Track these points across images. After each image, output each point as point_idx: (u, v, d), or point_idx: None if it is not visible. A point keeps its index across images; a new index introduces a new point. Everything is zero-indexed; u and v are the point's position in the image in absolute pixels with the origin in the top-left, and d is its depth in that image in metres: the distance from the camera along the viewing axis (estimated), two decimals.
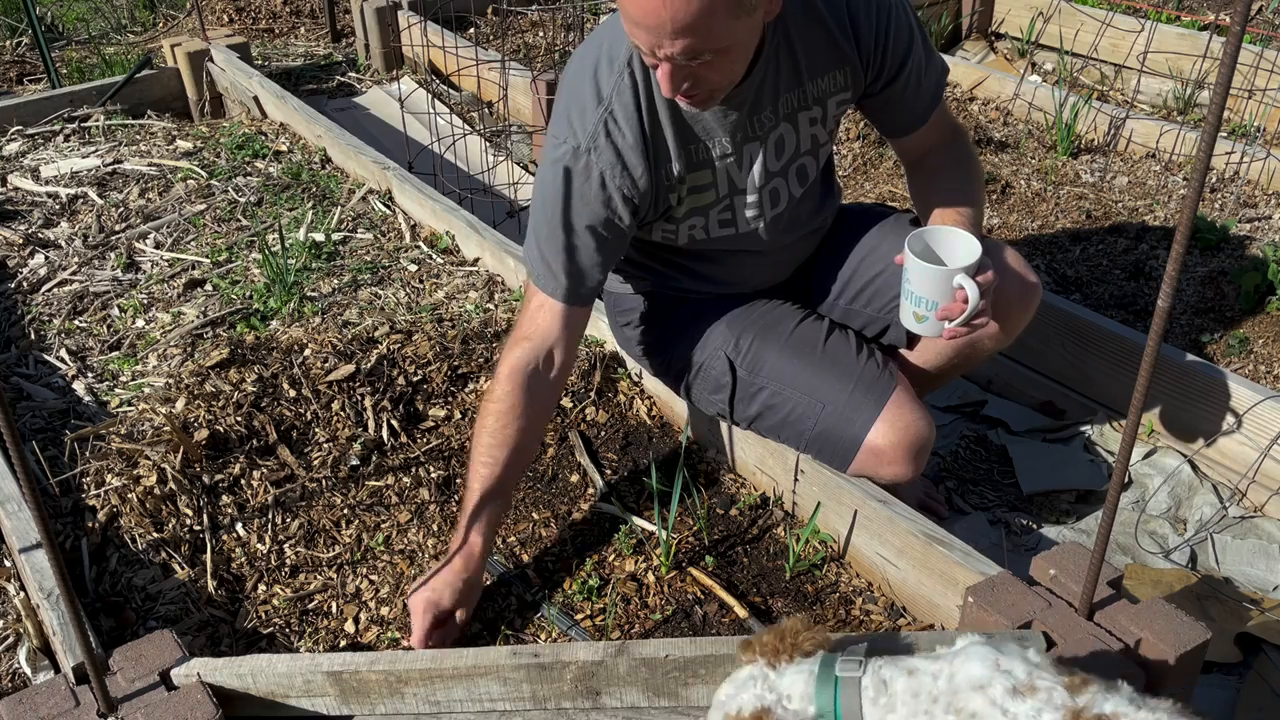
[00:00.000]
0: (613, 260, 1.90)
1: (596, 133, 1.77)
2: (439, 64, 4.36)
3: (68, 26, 5.22)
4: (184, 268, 2.99)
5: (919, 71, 1.92)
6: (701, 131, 1.84)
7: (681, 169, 1.84)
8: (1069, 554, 1.71)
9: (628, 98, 1.77)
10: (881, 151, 3.68)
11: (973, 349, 2.03)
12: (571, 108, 1.80)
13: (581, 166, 1.78)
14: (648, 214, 1.88)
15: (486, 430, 1.86)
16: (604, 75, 1.78)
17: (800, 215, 2.03)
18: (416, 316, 2.67)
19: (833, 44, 1.84)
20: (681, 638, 1.77)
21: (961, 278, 1.74)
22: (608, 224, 1.82)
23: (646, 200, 1.84)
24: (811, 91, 1.88)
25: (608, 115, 1.77)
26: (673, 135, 1.82)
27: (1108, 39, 4.07)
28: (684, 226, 1.96)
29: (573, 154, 1.78)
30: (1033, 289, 1.98)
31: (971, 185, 1.99)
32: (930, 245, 1.85)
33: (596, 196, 1.79)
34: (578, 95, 1.80)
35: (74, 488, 2.15)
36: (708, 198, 1.92)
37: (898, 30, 1.86)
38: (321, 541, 2.09)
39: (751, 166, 1.90)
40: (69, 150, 3.65)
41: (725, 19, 1.55)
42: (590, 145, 1.77)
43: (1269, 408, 2.24)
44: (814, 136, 1.94)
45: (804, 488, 2.09)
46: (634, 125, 1.78)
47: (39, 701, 1.55)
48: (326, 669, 1.62)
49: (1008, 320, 1.97)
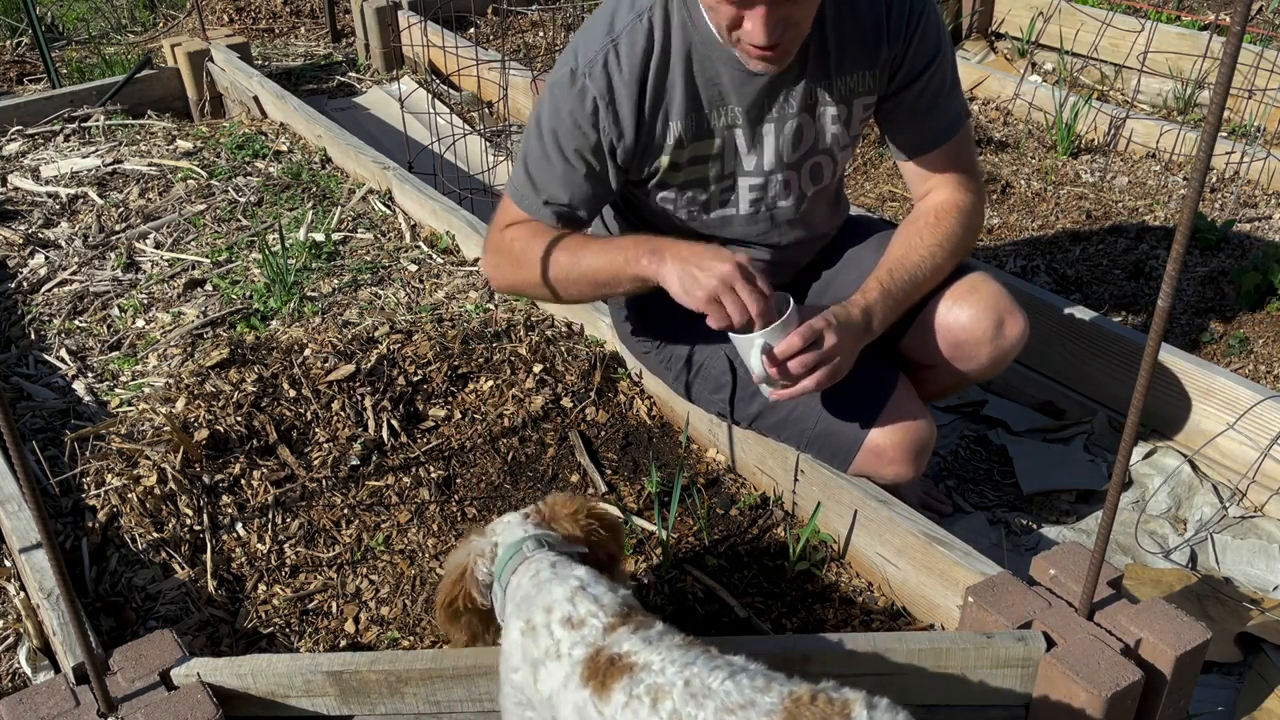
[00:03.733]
0: (598, 199, 1.90)
1: (595, 59, 1.78)
2: (439, 64, 4.36)
3: (68, 26, 5.22)
4: (184, 268, 2.99)
5: (939, 89, 1.89)
6: (714, 98, 1.83)
7: (681, 130, 1.83)
8: (1069, 554, 1.71)
9: (639, 39, 1.77)
10: (881, 152, 3.68)
11: (955, 379, 2.02)
12: (580, 39, 1.82)
13: (577, 90, 1.79)
14: (634, 163, 1.87)
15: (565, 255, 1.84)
16: (621, 15, 1.79)
17: (809, 217, 2.02)
18: (416, 316, 2.67)
19: (866, 44, 1.83)
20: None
21: (756, 345, 1.72)
22: (596, 152, 1.83)
23: (631, 141, 1.83)
24: (838, 88, 1.86)
25: (611, 46, 1.78)
26: (681, 95, 1.81)
27: (1108, 39, 4.07)
28: (684, 196, 1.94)
29: (570, 76, 1.80)
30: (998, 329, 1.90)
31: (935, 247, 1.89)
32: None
33: (587, 120, 1.80)
34: (590, 29, 1.82)
35: (74, 488, 2.15)
36: (710, 170, 1.90)
37: (925, 33, 1.84)
38: (321, 541, 2.09)
39: (762, 148, 1.89)
40: (69, 150, 3.65)
41: None
42: (587, 70, 1.78)
43: (1269, 408, 2.24)
44: (835, 136, 1.92)
45: (804, 488, 2.09)
46: (635, 66, 1.78)
47: (39, 701, 1.55)
48: (326, 669, 1.62)
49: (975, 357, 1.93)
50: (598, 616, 1.33)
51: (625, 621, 1.32)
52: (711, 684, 1.20)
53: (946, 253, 1.90)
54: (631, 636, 1.29)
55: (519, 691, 1.40)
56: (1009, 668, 1.62)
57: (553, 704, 1.32)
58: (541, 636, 1.34)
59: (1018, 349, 1.95)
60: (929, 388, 2.06)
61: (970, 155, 1.98)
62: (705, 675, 1.21)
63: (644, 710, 1.20)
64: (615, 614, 1.33)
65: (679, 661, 1.24)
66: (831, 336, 1.73)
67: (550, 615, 1.35)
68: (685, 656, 1.25)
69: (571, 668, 1.30)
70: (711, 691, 1.19)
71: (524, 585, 1.43)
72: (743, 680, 1.20)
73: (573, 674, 1.29)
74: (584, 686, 1.27)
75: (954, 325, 1.91)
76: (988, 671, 1.62)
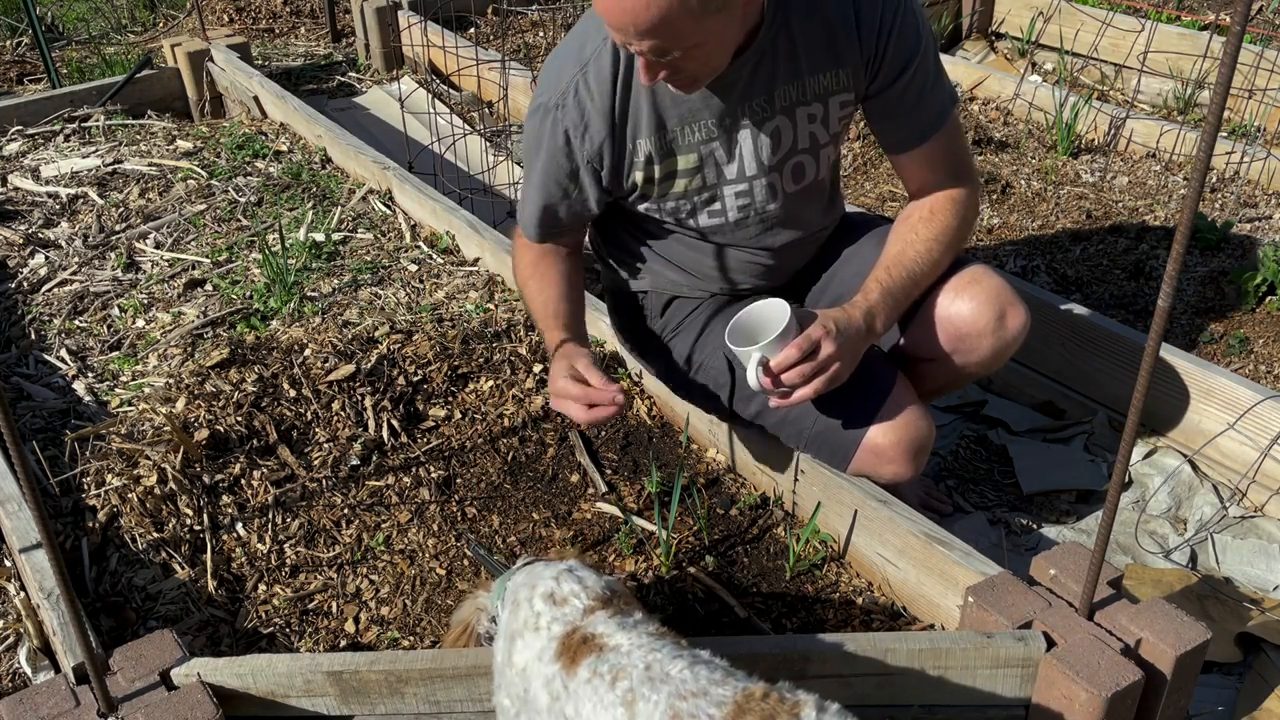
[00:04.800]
0: (578, 215, 1.96)
1: (568, 90, 1.81)
2: (439, 64, 4.36)
3: (68, 26, 5.22)
4: (184, 268, 2.99)
5: (923, 83, 1.88)
6: (685, 114, 1.83)
7: (651, 149, 1.85)
8: (1069, 554, 1.71)
9: (606, 62, 1.79)
10: (881, 152, 3.68)
11: (955, 373, 2.02)
12: (554, 66, 1.86)
13: (550, 122, 1.84)
14: (612, 183, 1.91)
15: (528, 287, 1.99)
16: (590, 39, 1.81)
17: (799, 217, 2.02)
18: (416, 316, 2.67)
19: (835, 41, 1.82)
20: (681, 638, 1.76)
21: (753, 358, 1.73)
22: (573, 177, 1.88)
23: (607, 163, 1.87)
24: (811, 87, 1.86)
25: (581, 77, 1.81)
26: (648, 113, 1.83)
27: (1108, 39, 4.07)
28: (666, 207, 1.95)
29: (543, 110, 1.85)
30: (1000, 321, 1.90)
31: (931, 242, 1.89)
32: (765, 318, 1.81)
33: (561, 151, 1.86)
34: (563, 55, 1.85)
35: (74, 488, 2.15)
36: (690, 183, 1.91)
37: (903, 31, 1.83)
38: (321, 541, 2.09)
39: (739, 154, 1.89)
40: (69, 150, 3.65)
41: (691, 21, 1.54)
42: (559, 102, 1.82)
43: (1269, 408, 2.24)
44: (813, 135, 1.92)
45: (804, 488, 2.09)
46: (605, 89, 1.80)
47: (39, 701, 1.55)
48: (327, 669, 1.62)
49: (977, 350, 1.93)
50: (579, 597, 1.37)
51: (605, 606, 1.36)
52: (670, 670, 1.23)
53: (944, 247, 1.90)
54: (608, 620, 1.33)
55: (498, 675, 1.44)
56: (1009, 668, 1.62)
57: (526, 676, 1.35)
58: (522, 609, 1.39)
59: (1019, 341, 1.95)
60: (929, 383, 2.06)
61: (961, 144, 1.98)
62: (667, 662, 1.25)
63: (603, 687, 1.25)
64: (597, 597, 1.37)
65: (646, 647, 1.28)
66: (829, 345, 1.73)
67: (534, 591, 1.40)
68: (654, 644, 1.29)
69: (548, 642, 1.34)
70: (669, 677, 1.22)
71: (516, 580, 1.47)
72: (701, 671, 1.23)
73: (548, 648, 1.33)
74: (555, 661, 1.31)
75: (955, 318, 1.92)
76: (988, 671, 1.62)
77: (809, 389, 1.75)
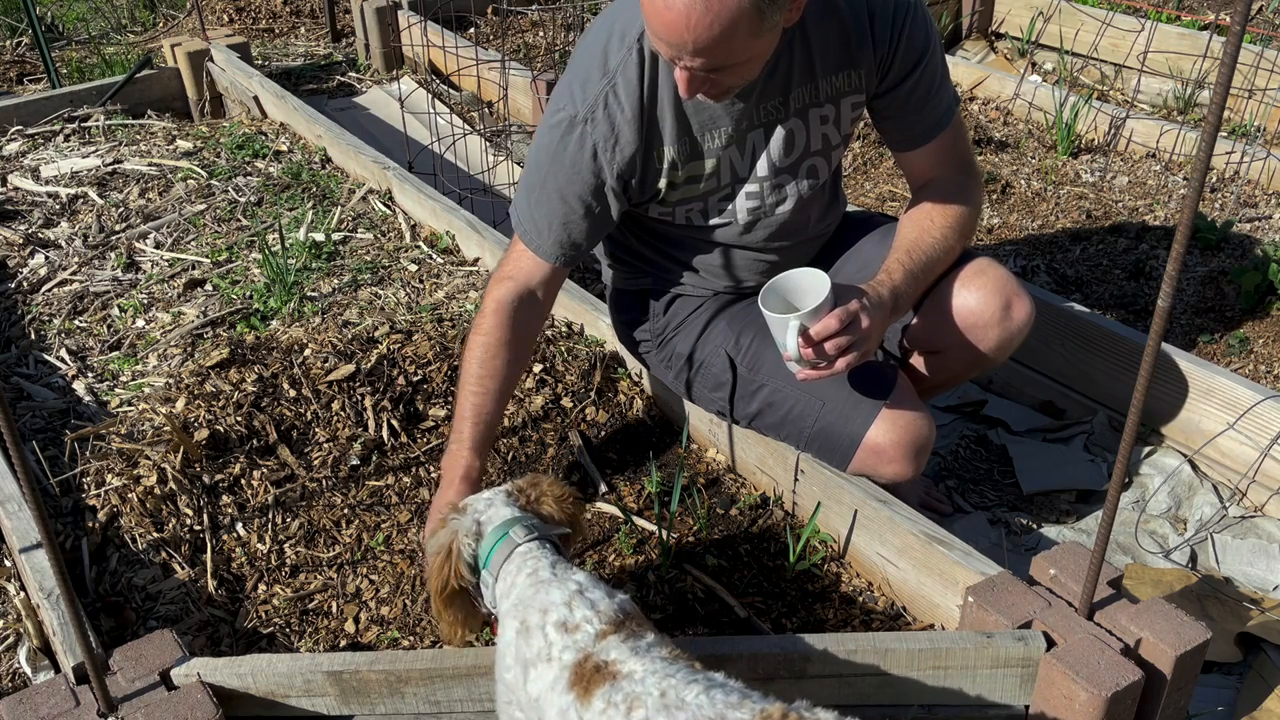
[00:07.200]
0: (600, 233, 1.93)
1: (596, 104, 1.79)
2: (439, 64, 4.36)
3: (68, 26, 5.22)
4: (184, 268, 2.99)
5: (930, 84, 1.90)
6: (706, 120, 1.84)
7: (675, 155, 1.85)
8: (1069, 554, 1.71)
9: (632, 73, 1.78)
10: (881, 152, 3.68)
11: (961, 365, 2.02)
12: (576, 77, 1.82)
13: (577, 136, 1.81)
14: (636, 193, 1.89)
15: (475, 361, 1.90)
16: (614, 49, 1.79)
17: (806, 218, 2.03)
18: (416, 316, 2.67)
19: (849, 43, 1.83)
20: (681, 637, 1.77)
21: (792, 326, 1.72)
22: (597, 194, 1.85)
23: (636, 176, 1.85)
24: (825, 89, 1.87)
25: (609, 88, 1.78)
26: (671, 120, 1.82)
27: (1108, 39, 4.07)
28: (680, 210, 1.95)
29: (569, 122, 1.81)
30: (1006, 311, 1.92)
31: (947, 229, 1.91)
32: (800, 286, 1.80)
33: (588, 167, 1.82)
34: (585, 65, 1.82)
35: (74, 488, 2.15)
36: (706, 186, 1.92)
37: (914, 32, 1.85)
38: (321, 541, 2.09)
39: (755, 156, 1.90)
40: (69, 150, 3.65)
41: (746, 39, 1.56)
42: (588, 115, 1.79)
43: (1269, 408, 2.24)
44: (825, 136, 1.93)
45: (804, 487, 2.09)
46: (634, 101, 1.79)
47: (39, 701, 1.55)
48: (326, 669, 1.62)
49: (984, 340, 1.94)
50: (591, 623, 1.35)
51: (618, 629, 1.34)
52: (686, 696, 1.22)
53: (957, 234, 1.93)
54: (621, 645, 1.31)
55: (510, 691, 1.42)
56: (1009, 668, 1.62)
57: (539, 706, 1.34)
58: (535, 638, 1.36)
59: (1024, 332, 1.96)
60: (935, 376, 2.07)
61: (964, 140, 2.01)
62: (682, 688, 1.23)
63: (618, 717, 1.23)
64: (609, 621, 1.35)
65: (660, 673, 1.26)
66: (865, 319, 1.74)
67: (546, 617, 1.37)
68: (668, 669, 1.27)
69: (560, 671, 1.32)
70: (685, 704, 1.21)
71: (520, 584, 1.44)
72: (716, 695, 1.22)
73: (560, 677, 1.31)
74: (569, 691, 1.29)
75: (961, 308, 1.93)
76: (988, 671, 1.62)
77: (842, 362, 1.75)
